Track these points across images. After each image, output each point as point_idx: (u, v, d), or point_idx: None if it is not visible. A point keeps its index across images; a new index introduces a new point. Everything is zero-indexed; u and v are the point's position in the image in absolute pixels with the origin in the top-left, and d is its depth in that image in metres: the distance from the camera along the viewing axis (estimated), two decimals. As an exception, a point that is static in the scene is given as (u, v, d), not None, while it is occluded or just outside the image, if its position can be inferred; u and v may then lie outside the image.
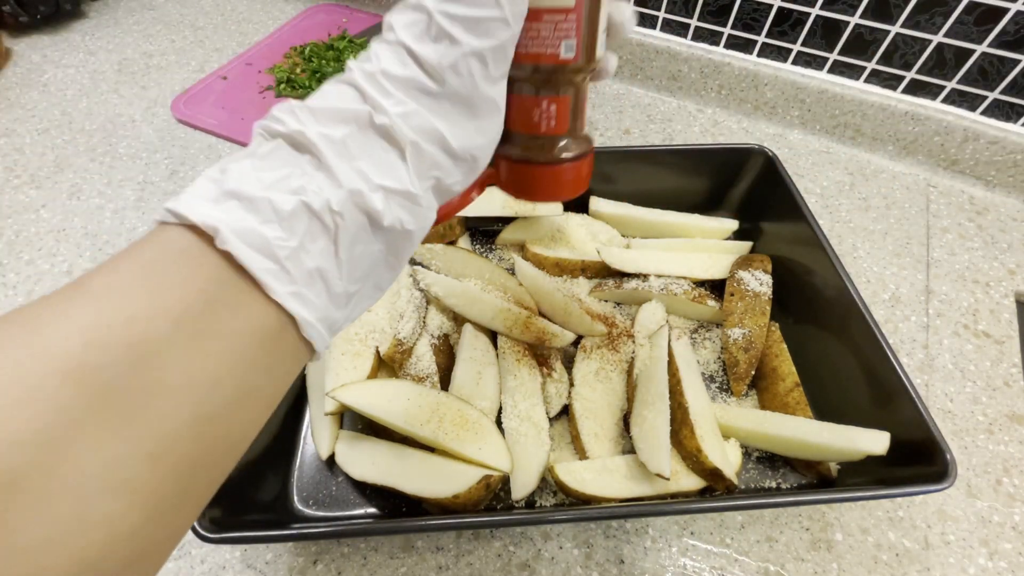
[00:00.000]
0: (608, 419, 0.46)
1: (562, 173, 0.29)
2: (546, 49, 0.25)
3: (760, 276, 0.53)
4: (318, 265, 0.19)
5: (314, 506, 0.43)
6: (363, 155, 0.20)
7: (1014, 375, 0.52)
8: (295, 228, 0.19)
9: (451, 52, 0.21)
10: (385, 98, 0.21)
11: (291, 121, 0.20)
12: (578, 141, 0.29)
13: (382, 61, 0.21)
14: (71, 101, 0.75)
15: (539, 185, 0.29)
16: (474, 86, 0.22)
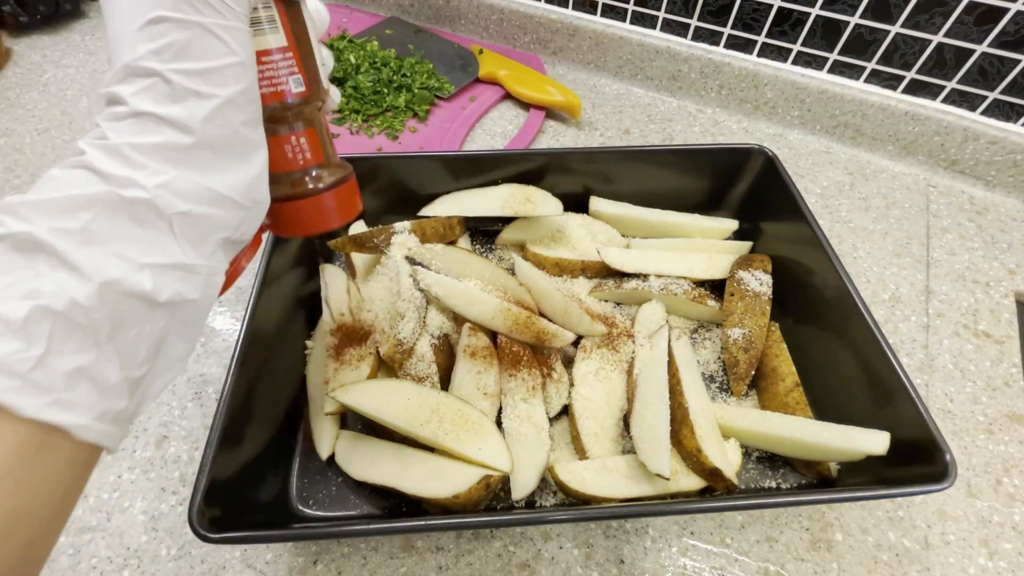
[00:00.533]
0: (608, 419, 0.46)
1: (327, 200, 0.30)
2: (278, 87, 0.27)
3: (760, 276, 0.53)
4: (77, 365, 0.18)
5: (314, 506, 0.43)
6: (116, 237, 0.19)
7: (1014, 375, 0.52)
8: (35, 335, 0.17)
9: (202, 107, 0.21)
10: (137, 171, 0.20)
11: (13, 222, 0.18)
12: (334, 168, 0.30)
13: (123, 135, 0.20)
14: (71, 101, 0.75)
15: (310, 217, 0.30)
16: (234, 133, 0.22)
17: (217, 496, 0.35)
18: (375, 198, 0.58)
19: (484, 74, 0.79)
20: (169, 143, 0.20)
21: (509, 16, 0.83)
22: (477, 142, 0.73)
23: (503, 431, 0.43)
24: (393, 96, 0.75)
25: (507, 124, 0.76)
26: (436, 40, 0.85)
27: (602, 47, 0.80)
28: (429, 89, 0.76)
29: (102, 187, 0.19)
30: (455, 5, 0.86)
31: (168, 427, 0.47)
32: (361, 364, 0.45)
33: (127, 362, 0.20)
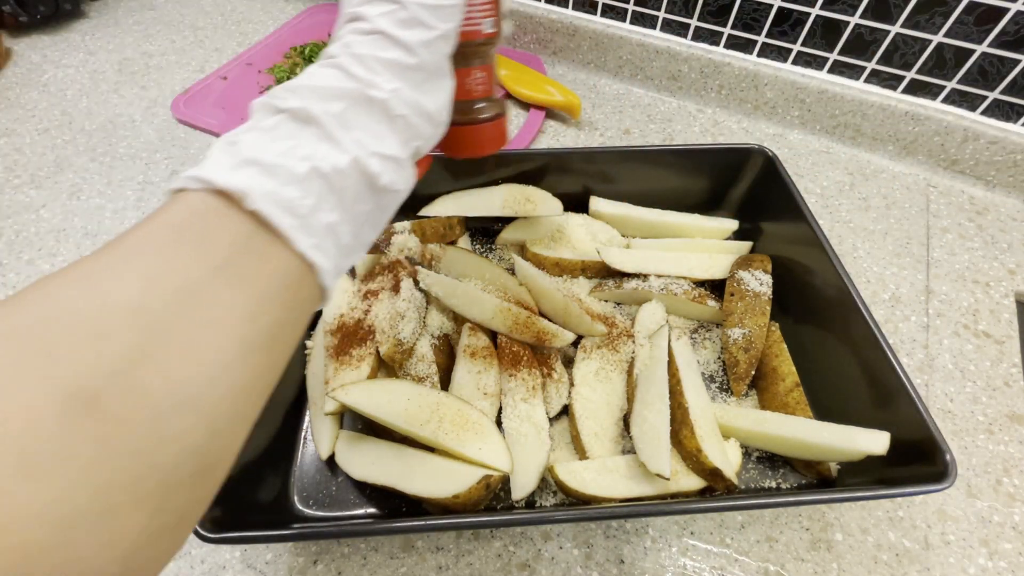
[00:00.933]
0: (608, 419, 0.46)
1: (489, 130, 0.36)
2: (475, 27, 0.31)
3: (760, 276, 0.53)
4: (330, 221, 0.22)
5: (314, 506, 0.43)
6: (358, 127, 0.24)
7: (1014, 375, 0.52)
8: (310, 189, 0.21)
9: (425, 35, 0.25)
10: (376, 76, 0.24)
11: (293, 98, 0.23)
12: (498, 102, 0.36)
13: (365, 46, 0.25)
14: (71, 101, 0.75)
15: (475, 140, 0.36)
16: (441, 60, 0.27)
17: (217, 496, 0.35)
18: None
19: (484, 74, 0.79)
20: (397, 60, 0.25)
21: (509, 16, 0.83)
22: (477, 142, 0.73)
23: (503, 431, 0.43)
24: (393, 96, 0.75)
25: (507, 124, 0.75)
26: (436, 40, 0.85)
27: (602, 47, 0.80)
28: (429, 89, 0.76)
29: (352, 84, 0.24)
30: (455, 5, 0.86)
31: (168, 427, 0.47)
32: (361, 364, 0.45)
33: (353, 231, 0.24)
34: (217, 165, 0.21)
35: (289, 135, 0.22)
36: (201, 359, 0.18)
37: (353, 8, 0.26)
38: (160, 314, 0.18)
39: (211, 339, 0.19)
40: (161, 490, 0.17)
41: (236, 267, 0.20)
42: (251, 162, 0.21)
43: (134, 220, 0.62)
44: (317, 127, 0.23)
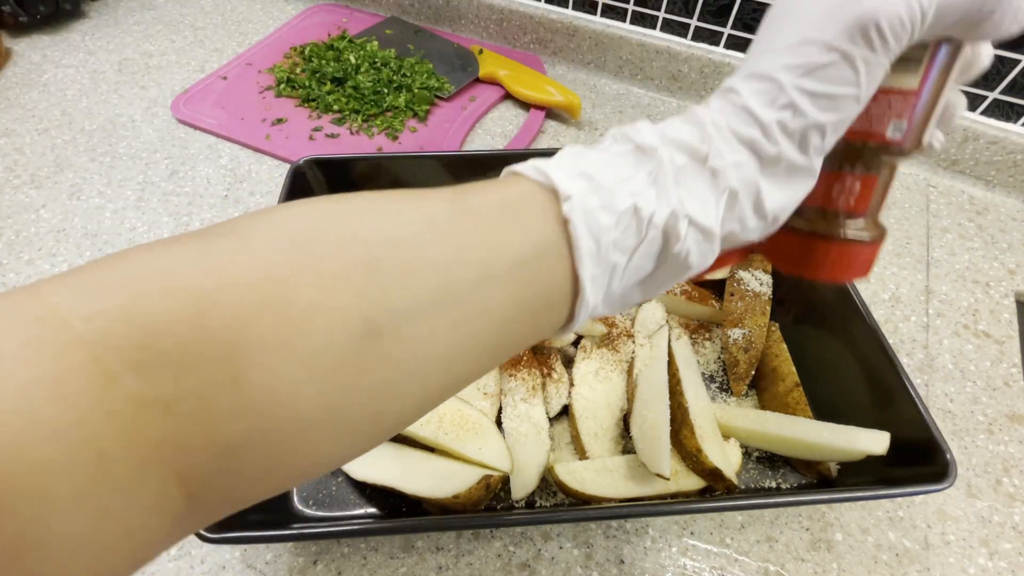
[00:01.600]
0: (608, 419, 0.46)
1: (846, 254, 0.27)
2: (873, 126, 0.24)
3: (760, 276, 0.53)
4: (618, 261, 0.22)
5: (314, 506, 0.43)
6: (687, 185, 0.22)
7: (1014, 375, 0.52)
8: (621, 223, 0.21)
9: (794, 121, 0.22)
10: (724, 145, 0.22)
11: (648, 136, 0.23)
12: (870, 225, 0.27)
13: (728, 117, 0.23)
14: (71, 101, 0.75)
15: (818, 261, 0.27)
16: (803, 156, 0.22)
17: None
18: (375, 198, 0.58)
19: (484, 74, 0.79)
20: (753, 140, 0.22)
21: (509, 16, 0.83)
22: (477, 142, 0.73)
23: (503, 431, 0.43)
24: (393, 96, 0.75)
25: (507, 124, 0.76)
26: (436, 40, 0.85)
27: (602, 47, 0.80)
28: (429, 89, 0.76)
29: (702, 145, 0.22)
30: (455, 5, 0.86)
31: (168, 427, 0.47)
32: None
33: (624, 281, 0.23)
34: (561, 166, 0.22)
35: (629, 167, 0.22)
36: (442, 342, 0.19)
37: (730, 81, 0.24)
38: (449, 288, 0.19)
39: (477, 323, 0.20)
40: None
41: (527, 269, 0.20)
42: (586, 175, 0.21)
43: (134, 220, 0.62)
44: (656, 170, 0.22)
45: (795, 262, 0.28)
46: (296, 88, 0.76)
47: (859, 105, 0.22)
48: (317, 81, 0.77)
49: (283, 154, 0.68)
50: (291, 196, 0.51)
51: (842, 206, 0.26)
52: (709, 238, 0.23)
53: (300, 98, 0.76)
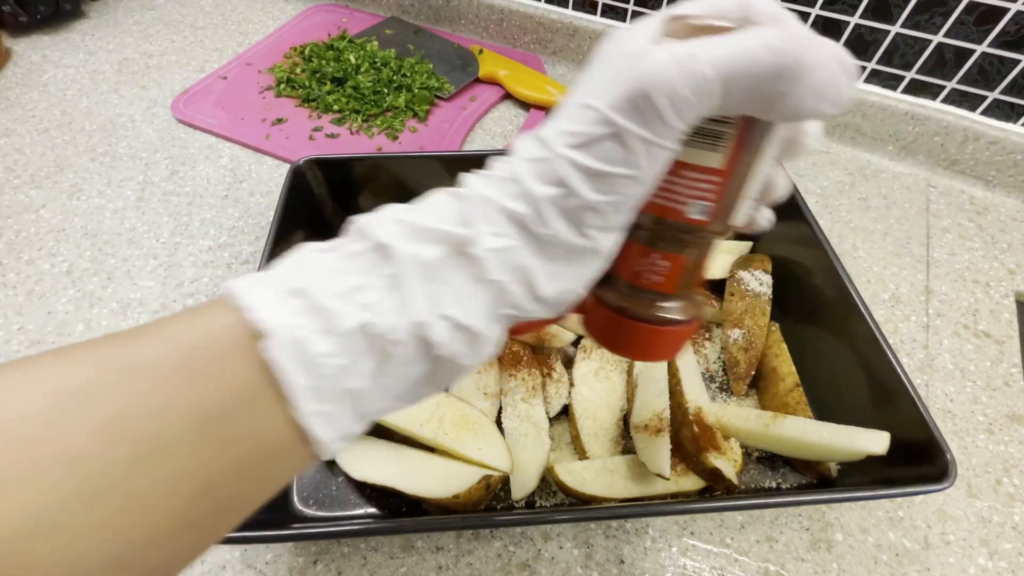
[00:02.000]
0: (608, 419, 0.46)
1: (654, 335, 0.25)
2: (671, 204, 0.22)
3: (760, 276, 0.53)
4: (357, 386, 0.19)
5: (314, 506, 0.43)
6: (444, 280, 0.19)
7: (1014, 375, 0.52)
8: (349, 346, 0.18)
9: (567, 200, 0.19)
10: (487, 227, 0.20)
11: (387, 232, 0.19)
12: (685, 304, 0.25)
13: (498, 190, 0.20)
14: (71, 101, 0.75)
15: (626, 340, 0.26)
16: (584, 236, 0.20)
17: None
18: (375, 198, 0.58)
19: (484, 74, 0.79)
20: (523, 218, 0.20)
21: (509, 16, 0.83)
22: (477, 142, 0.73)
23: (503, 431, 0.43)
24: (393, 96, 0.75)
25: (507, 124, 0.76)
26: (436, 40, 0.85)
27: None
28: (429, 89, 0.76)
29: (460, 230, 0.19)
30: (455, 5, 0.86)
31: (168, 427, 0.47)
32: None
33: (386, 395, 0.20)
34: (266, 284, 0.19)
35: (363, 271, 0.19)
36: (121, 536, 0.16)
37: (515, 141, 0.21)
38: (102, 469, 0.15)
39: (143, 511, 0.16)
40: None
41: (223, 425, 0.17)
42: (301, 292, 0.18)
43: (134, 220, 0.62)
44: (394, 271, 0.19)
45: (605, 337, 0.26)
46: (296, 88, 0.76)
47: (642, 186, 0.20)
48: (317, 81, 0.77)
49: (283, 154, 0.68)
50: (291, 196, 0.51)
51: (649, 284, 0.24)
52: (475, 336, 0.20)
53: (300, 98, 0.76)
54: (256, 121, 0.72)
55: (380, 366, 0.19)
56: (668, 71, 0.17)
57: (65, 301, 0.55)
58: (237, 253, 0.59)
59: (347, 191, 0.56)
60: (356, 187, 0.57)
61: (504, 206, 0.20)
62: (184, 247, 0.60)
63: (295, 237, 0.51)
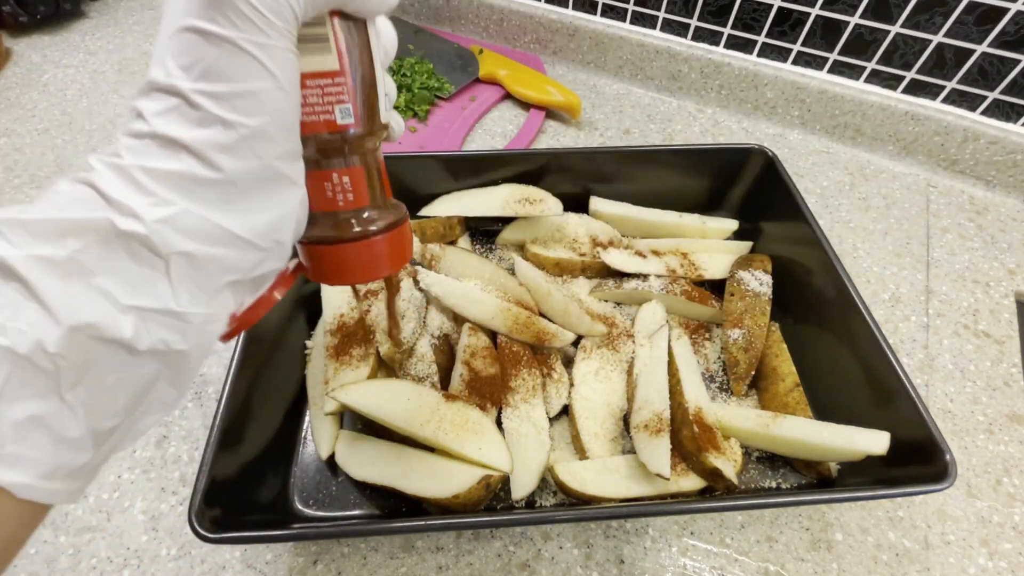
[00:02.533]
0: (608, 419, 0.46)
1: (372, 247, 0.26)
2: (320, 116, 0.23)
3: (760, 276, 0.53)
4: (32, 414, 0.16)
5: (314, 506, 0.43)
6: (106, 271, 0.17)
7: (1014, 375, 0.52)
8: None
9: (229, 135, 0.18)
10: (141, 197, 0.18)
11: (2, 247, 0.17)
12: (384, 211, 0.26)
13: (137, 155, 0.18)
14: (71, 101, 0.75)
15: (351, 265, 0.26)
16: (264, 168, 0.19)
17: (217, 496, 0.35)
18: (375, 198, 0.58)
19: (484, 74, 0.79)
20: (187, 172, 0.18)
21: (509, 16, 0.83)
22: (477, 142, 0.73)
23: (503, 431, 0.43)
24: (393, 96, 0.75)
25: (507, 124, 0.76)
26: (436, 40, 0.85)
27: (602, 47, 0.80)
28: (429, 89, 0.76)
29: (100, 212, 0.17)
30: (455, 5, 0.86)
31: (168, 427, 0.47)
32: (361, 364, 0.45)
33: (96, 412, 0.18)
34: None
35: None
36: None
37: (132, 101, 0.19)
38: None
39: None
40: None
41: None
42: None
43: (134, 220, 0.62)
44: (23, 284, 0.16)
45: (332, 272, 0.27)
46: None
47: (287, 97, 0.19)
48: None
49: (283, 154, 0.68)
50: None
51: (343, 205, 0.25)
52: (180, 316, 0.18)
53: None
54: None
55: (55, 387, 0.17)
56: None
57: (65, 301, 0.55)
58: (237, 253, 0.59)
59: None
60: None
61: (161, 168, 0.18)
62: (184, 247, 0.60)
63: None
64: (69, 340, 0.17)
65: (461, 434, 0.41)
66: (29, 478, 0.17)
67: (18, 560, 0.40)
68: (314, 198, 0.24)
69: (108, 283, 0.17)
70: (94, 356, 0.17)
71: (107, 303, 0.17)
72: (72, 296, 0.17)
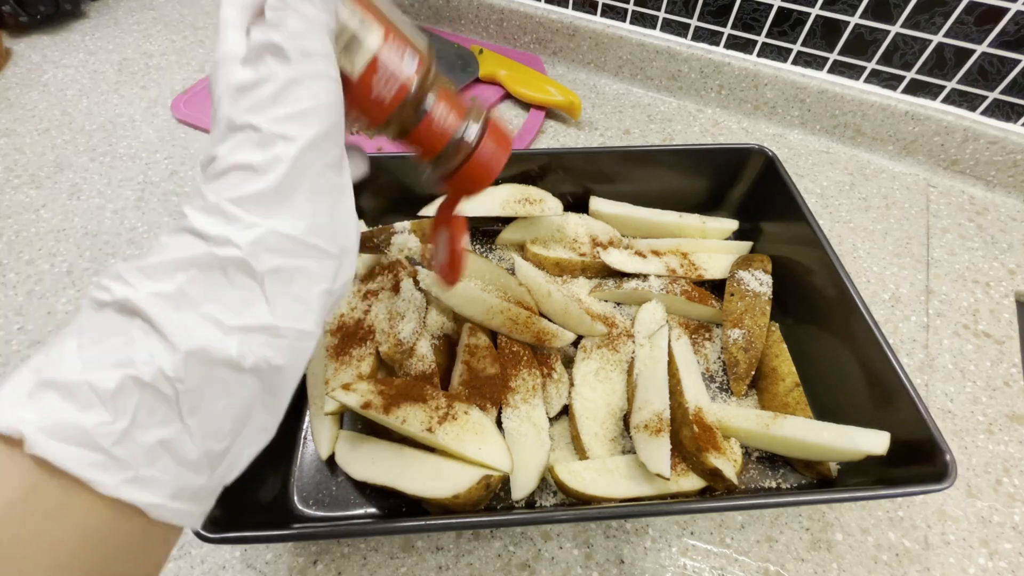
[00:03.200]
0: (608, 419, 0.46)
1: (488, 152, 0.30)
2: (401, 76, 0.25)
3: (760, 276, 0.53)
4: (160, 438, 0.18)
5: (314, 506, 0.43)
6: (210, 298, 0.19)
7: (1014, 375, 0.52)
8: (123, 407, 0.17)
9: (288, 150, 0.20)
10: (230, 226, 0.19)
11: (117, 287, 0.19)
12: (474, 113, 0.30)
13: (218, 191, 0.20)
14: (71, 101, 0.75)
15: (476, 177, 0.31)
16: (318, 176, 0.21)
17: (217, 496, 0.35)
18: (375, 198, 0.58)
19: (484, 74, 0.79)
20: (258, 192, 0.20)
21: (509, 16, 0.83)
22: (477, 142, 0.73)
23: (503, 431, 0.43)
24: (393, 96, 0.75)
25: (507, 124, 0.75)
26: (436, 40, 0.85)
27: (602, 47, 0.80)
28: (429, 89, 0.76)
29: (200, 248, 0.19)
30: (455, 5, 0.86)
31: (168, 427, 0.47)
32: (361, 364, 0.45)
33: (209, 434, 0.19)
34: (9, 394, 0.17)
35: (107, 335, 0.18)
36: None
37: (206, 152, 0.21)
38: None
39: None
40: None
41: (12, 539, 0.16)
42: (49, 384, 0.17)
43: (134, 220, 0.62)
44: (143, 319, 0.18)
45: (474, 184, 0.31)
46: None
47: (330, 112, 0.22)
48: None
49: (283, 154, 0.68)
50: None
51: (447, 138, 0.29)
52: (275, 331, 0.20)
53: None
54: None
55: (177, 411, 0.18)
56: None
57: (65, 301, 0.55)
58: (237, 253, 0.59)
59: (347, 191, 0.56)
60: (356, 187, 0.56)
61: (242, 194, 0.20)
62: (184, 247, 0.60)
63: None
64: (186, 365, 0.18)
65: (461, 434, 0.41)
66: (161, 498, 0.18)
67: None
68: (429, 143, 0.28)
69: (213, 309, 0.19)
70: (206, 379, 0.19)
71: (214, 327, 0.19)
72: (184, 325, 0.18)
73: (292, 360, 0.21)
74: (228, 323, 0.19)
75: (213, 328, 0.19)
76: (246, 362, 0.19)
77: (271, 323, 0.20)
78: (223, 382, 0.19)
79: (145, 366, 0.18)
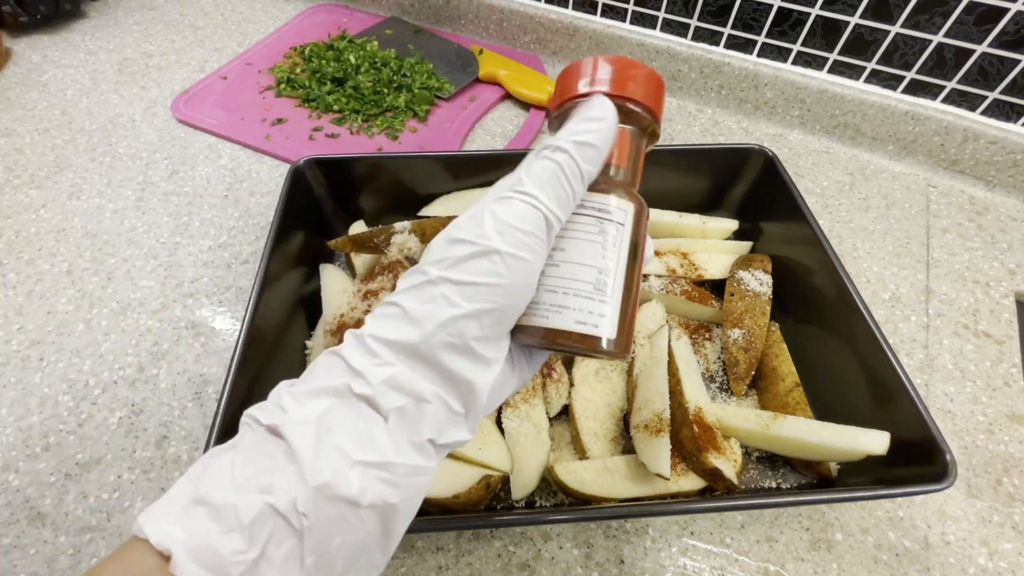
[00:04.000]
0: (608, 419, 0.46)
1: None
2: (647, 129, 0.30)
3: (760, 276, 0.53)
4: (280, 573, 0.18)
5: (314, 506, 0.43)
6: (341, 429, 0.20)
7: (1014, 375, 0.52)
8: (257, 535, 0.18)
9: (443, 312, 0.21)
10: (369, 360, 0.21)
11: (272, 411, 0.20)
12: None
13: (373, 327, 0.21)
14: (71, 101, 0.75)
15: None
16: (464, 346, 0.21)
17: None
18: (375, 198, 0.58)
19: (484, 74, 0.79)
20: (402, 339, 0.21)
21: (509, 16, 0.83)
22: (477, 142, 0.73)
23: (503, 431, 0.43)
24: (393, 96, 0.75)
25: (507, 124, 0.76)
26: (436, 40, 0.85)
27: (602, 47, 0.80)
28: (429, 89, 0.76)
29: (343, 378, 0.20)
30: (455, 5, 0.86)
31: (168, 427, 0.47)
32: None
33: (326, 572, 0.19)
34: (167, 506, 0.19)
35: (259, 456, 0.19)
36: None
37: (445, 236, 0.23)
38: None
39: None
40: None
41: None
42: (202, 500, 0.18)
43: (134, 220, 0.62)
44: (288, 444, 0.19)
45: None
46: (296, 88, 0.76)
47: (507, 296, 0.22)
48: (317, 81, 0.77)
49: (283, 154, 0.68)
50: (291, 196, 0.51)
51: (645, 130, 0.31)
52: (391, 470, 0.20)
53: (300, 98, 0.76)
54: (256, 121, 0.72)
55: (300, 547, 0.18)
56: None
57: (65, 301, 0.55)
58: (237, 253, 0.59)
59: (347, 191, 0.56)
60: (356, 187, 0.57)
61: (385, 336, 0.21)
62: (184, 247, 0.60)
63: (295, 237, 0.51)
64: (313, 500, 0.18)
65: (461, 434, 0.41)
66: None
67: (18, 560, 0.40)
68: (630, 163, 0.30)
69: (342, 440, 0.19)
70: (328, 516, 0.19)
71: (340, 460, 0.19)
72: (317, 456, 0.19)
73: (405, 499, 0.21)
74: (353, 456, 0.19)
75: (339, 460, 0.19)
76: (364, 499, 0.19)
77: (392, 460, 0.20)
78: (342, 519, 0.19)
79: (282, 494, 0.18)
